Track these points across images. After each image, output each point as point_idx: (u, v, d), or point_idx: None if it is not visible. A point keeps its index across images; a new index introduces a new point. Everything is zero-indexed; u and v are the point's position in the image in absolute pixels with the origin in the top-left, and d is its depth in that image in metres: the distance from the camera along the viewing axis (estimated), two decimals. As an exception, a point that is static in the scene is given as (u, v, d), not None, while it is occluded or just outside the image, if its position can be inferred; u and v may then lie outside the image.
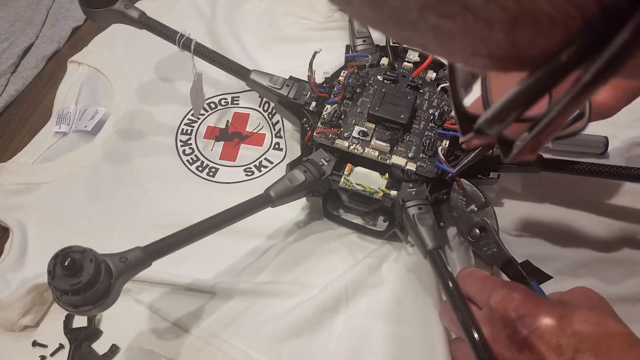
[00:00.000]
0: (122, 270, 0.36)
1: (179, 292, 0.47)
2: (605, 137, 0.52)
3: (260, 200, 0.44)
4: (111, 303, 0.36)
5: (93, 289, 0.34)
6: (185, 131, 0.59)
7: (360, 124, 0.48)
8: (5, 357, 0.46)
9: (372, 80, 0.51)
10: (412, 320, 0.45)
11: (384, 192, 0.45)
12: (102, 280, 0.34)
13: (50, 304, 0.48)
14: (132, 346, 0.44)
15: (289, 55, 0.63)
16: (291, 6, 0.70)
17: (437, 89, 0.50)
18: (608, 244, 0.48)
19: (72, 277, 0.34)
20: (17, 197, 0.55)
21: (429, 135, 0.47)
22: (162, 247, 0.39)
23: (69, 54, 0.69)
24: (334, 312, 0.45)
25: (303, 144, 0.50)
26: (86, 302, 0.35)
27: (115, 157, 0.57)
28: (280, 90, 0.52)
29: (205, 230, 0.41)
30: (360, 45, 0.55)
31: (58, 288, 0.34)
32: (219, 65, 0.54)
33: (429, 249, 0.41)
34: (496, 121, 0.19)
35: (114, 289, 0.35)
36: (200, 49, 0.53)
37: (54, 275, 0.34)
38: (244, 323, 0.45)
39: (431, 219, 0.43)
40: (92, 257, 0.34)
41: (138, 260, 0.37)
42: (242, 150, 0.57)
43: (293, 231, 0.50)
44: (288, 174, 0.46)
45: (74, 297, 0.34)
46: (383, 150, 0.47)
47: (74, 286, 0.33)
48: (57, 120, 0.60)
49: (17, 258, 0.50)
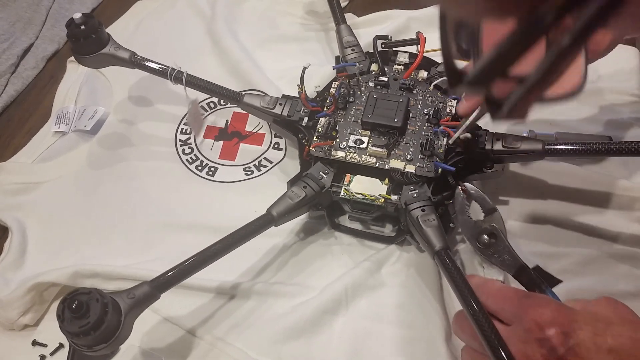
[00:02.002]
0: (130, 307, 0.37)
1: (180, 293, 0.47)
2: (608, 136, 0.52)
3: (263, 221, 0.44)
4: (123, 339, 0.37)
5: (102, 328, 0.35)
6: (184, 130, 0.59)
7: (355, 132, 0.48)
8: (5, 356, 0.46)
9: (364, 87, 0.51)
10: (413, 322, 0.45)
11: (385, 198, 0.45)
12: (109, 318, 0.36)
13: (50, 303, 0.48)
14: (132, 346, 0.44)
15: (289, 55, 0.64)
16: (291, 6, 0.70)
17: (429, 87, 0.50)
18: (614, 240, 0.48)
19: (80, 319, 0.35)
20: (17, 197, 0.55)
21: (425, 135, 0.47)
22: (169, 279, 0.40)
23: (69, 54, 0.68)
24: (334, 314, 0.45)
25: (302, 160, 0.50)
26: (98, 342, 0.36)
27: (115, 156, 0.57)
28: (273, 110, 0.51)
29: (209, 258, 0.41)
30: (349, 54, 0.55)
31: (69, 331, 0.35)
32: (211, 93, 0.55)
33: (436, 250, 0.40)
34: (485, 75, 0.18)
35: (124, 326, 0.37)
36: (192, 79, 0.54)
37: (63, 318, 0.35)
38: (244, 324, 0.45)
39: (435, 219, 0.42)
40: (97, 297, 0.36)
41: (146, 295, 0.39)
42: (241, 150, 0.57)
43: (295, 233, 0.50)
44: (288, 192, 0.46)
45: (85, 337, 0.35)
46: (380, 156, 0.46)
47: (83, 327, 0.35)
48: (56, 120, 0.60)
49: (17, 257, 0.50)
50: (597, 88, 0.56)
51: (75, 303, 0.35)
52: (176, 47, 0.67)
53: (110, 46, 0.54)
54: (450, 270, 0.39)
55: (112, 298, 0.37)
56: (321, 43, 0.65)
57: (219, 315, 0.45)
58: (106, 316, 0.35)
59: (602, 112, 0.55)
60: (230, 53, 0.63)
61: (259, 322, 0.45)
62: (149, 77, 0.64)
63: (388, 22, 0.65)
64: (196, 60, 0.65)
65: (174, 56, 0.65)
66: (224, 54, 0.63)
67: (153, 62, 0.54)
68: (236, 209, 0.52)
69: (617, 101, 0.55)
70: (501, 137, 0.46)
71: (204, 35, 0.66)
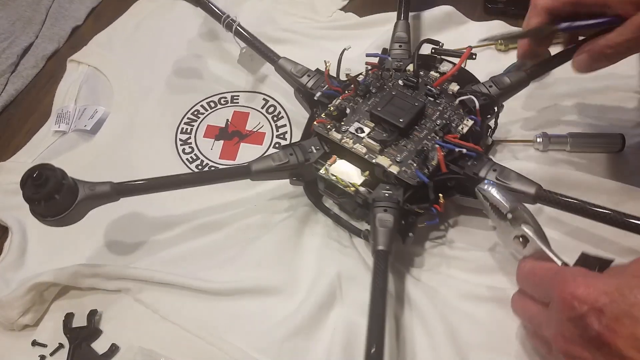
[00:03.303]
0: (86, 196, 0.43)
1: (178, 292, 0.46)
2: (621, 134, 0.51)
3: (240, 171, 0.47)
4: (71, 220, 0.43)
5: (52, 201, 0.40)
6: (184, 130, 0.59)
7: (362, 121, 0.48)
8: (4, 356, 0.46)
9: (392, 83, 0.51)
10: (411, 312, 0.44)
11: (355, 188, 0.45)
12: (62, 196, 0.41)
13: (50, 304, 0.48)
14: (132, 346, 0.44)
15: (289, 55, 0.63)
16: (291, 6, 0.70)
17: (455, 102, 0.49)
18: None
19: (36, 187, 0.40)
20: (17, 197, 0.54)
21: (426, 144, 0.47)
22: (130, 187, 0.45)
23: (69, 53, 0.69)
24: (330, 308, 0.45)
25: (306, 131, 0.52)
26: (48, 213, 0.42)
27: (115, 156, 0.57)
28: (300, 79, 0.54)
29: (177, 183, 0.46)
30: (395, 49, 0.56)
31: (25, 194, 0.41)
32: (253, 47, 0.57)
33: (377, 249, 0.42)
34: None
35: (75, 208, 0.42)
36: (241, 30, 0.57)
37: (24, 183, 0.41)
38: (243, 322, 0.45)
39: (392, 222, 0.42)
40: (58, 175, 0.41)
41: (104, 192, 0.44)
42: (242, 149, 0.57)
43: (290, 229, 0.50)
44: (273, 154, 0.47)
45: (38, 205, 0.41)
46: (372, 149, 0.46)
47: (36, 195, 0.40)
48: (56, 119, 0.60)
49: (17, 257, 0.50)
50: (605, 86, 0.56)
51: (36, 173, 0.40)
52: (176, 47, 0.67)
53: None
54: (379, 271, 0.40)
55: (74, 182, 0.42)
56: (322, 43, 0.65)
57: (217, 315, 0.45)
58: (59, 193, 0.41)
59: (610, 110, 0.55)
60: (230, 53, 0.62)
61: (257, 320, 0.45)
62: (149, 76, 0.64)
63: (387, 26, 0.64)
64: (196, 59, 0.65)
65: (173, 55, 0.66)
66: (225, 54, 0.63)
67: (214, 5, 0.58)
68: (236, 205, 0.52)
69: (623, 99, 0.55)
70: (498, 169, 0.45)
71: (205, 35, 0.66)
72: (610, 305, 0.30)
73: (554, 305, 0.33)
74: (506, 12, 0.65)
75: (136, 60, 0.66)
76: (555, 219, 0.47)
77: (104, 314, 0.47)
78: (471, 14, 0.66)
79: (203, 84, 0.63)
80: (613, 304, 0.30)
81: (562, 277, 0.33)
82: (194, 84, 0.63)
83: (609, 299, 0.30)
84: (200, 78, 0.64)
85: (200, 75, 0.64)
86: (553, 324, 0.33)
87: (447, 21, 0.64)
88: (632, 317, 0.29)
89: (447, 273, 0.46)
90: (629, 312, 0.29)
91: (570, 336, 0.32)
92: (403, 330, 0.43)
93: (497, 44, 0.62)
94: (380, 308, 0.38)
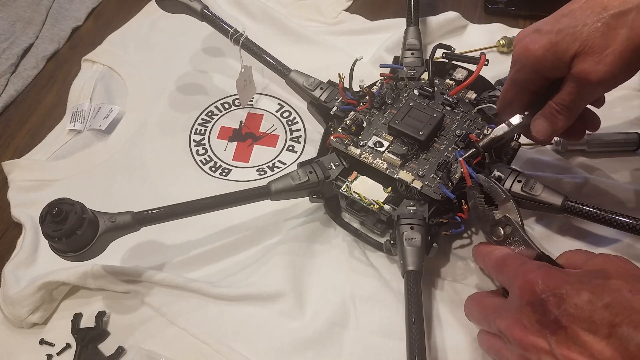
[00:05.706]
0: (108, 229, 0.41)
1: (187, 296, 0.46)
2: (637, 133, 0.52)
3: (260, 192, 0.45)
4: (92, 255, 0.41)
5: (73, 237, 0.39)
6: (198, 131, 0.59)
7: (380, 135, 0.47)
8: (13, 353, 0.45)
9: (407, 93, 0.50)
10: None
11: (379, 206, 0.44)
12: (83, 231, 0.39)
13: (59, 303, 0.48)
14: (140, 349, 0.44)
15: (291, 56, 0.62)
16: (295, 8, 0.69)
17: (473, 110, 0.48)
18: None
19: (56, 224, 0.39)
20: (30, 194, 0.55)
21: (447, 156, 0.46)
22: (151, 216, 0.43)
23: (69, 54, 0.69)
24: (343, 327, 0.44)
25: (322, 146, 0.50)
26: (69, 249, 0.40)
27: (129, 156, 0.57)
28: (313, 92, 0.52)
29: (197, 209, 0.44)
30: (407, 57, 0.55)
31: (45, 232, 0.39)
32: (262, 61, 0.55)
33: (408, 270, 0.41)
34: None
35: (96, 243, 0.40)
36: (249, 44, 0.56)
37: (43, 220, 0.39)
38: (251, 331, 0.44)
39: (420, 240, 0.42)
40: (78, 210, 0.39)
41: (126, 223, 0.42)
42: (255, 151, 0.57)
43: (302, 238, 0.49)
44: (292, 172, 0.46)
45: (59, 242, 0.39)
46: (393, 164, 0.45)
47: (56, 232, 0.39)
48: (71, 118, 0.60)
49: (29, 254, 0.50)
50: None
51: (56, 209, 0.39)
52: (191, 47, 0.66)
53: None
54: (412, 293, 0.40)
55: (93, 216, 0.41)
56: (325, 44, 0.64)
57: (225, 321, 0.45)
58: (80, 229, 0.39)
59: (625, 111, 0.55)
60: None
61: (265, 329, 0.44)
62: (163, 76, 0.64)
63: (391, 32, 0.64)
64: (211, 60, 0.65)
65: (187, 56, 0.65)
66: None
67: (219, 19, 0.57)
68: (249, 207, 0.51)
69: (630, 97, 0.56)
70: (524, 179, 0.43)
71: (220, 35, 0.65)
72: (570, 292, 0.32)
73: (514, 291, 0.35)
74: (506, 12, 0.66)
75: (150, 60, 0.66)
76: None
77: (111, 315, 0.46)
78: (471, 14, 0.66)
79: (217, 84, 0.63)
80: (573, 292, 0.32)
81: (528, 267, 0.36)
82: (209, 84, 0.63)
83: (570, 287, 0.32)
84: (215, 79, 0.63)
85: (214, 76, 0.64)
86: (511, 311, 0.35)
87: (451, 25, 0.64)
88: (591, 303, 0.31)
89: (473, 284, 0.46)
90: (588, 299, 0.31)
91: (527, 322, 0.33)
92: (434, 351, 0.43)
93: (499, 46, 0.61)
94: (418, 332, 0.38)
